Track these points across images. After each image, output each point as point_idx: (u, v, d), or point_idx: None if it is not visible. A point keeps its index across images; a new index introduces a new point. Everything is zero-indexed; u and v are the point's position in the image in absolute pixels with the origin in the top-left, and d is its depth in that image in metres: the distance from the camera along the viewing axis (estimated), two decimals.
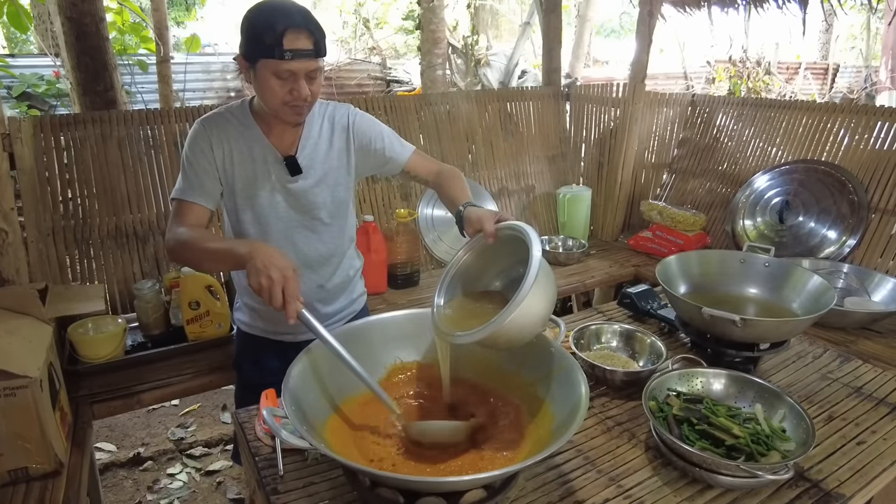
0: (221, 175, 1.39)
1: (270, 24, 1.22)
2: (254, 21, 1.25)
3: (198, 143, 1.37)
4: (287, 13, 1.23)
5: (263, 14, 1.24)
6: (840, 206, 2.32)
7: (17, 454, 1.26)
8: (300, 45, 1.23)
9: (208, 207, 1.38)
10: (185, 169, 1.37)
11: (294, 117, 1.34)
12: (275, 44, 1.21)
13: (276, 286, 1.07)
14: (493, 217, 1.17)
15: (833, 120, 2.49)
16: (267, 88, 1.28)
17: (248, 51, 1.27)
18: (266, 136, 1.40)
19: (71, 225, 1.98)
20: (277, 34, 1.21)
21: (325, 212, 1.48)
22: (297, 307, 1.08)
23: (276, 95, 1.28)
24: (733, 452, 1.07)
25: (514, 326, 0.98)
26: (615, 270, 2.64)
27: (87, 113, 2.17)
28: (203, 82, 7.48)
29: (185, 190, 1.37)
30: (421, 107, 2.71)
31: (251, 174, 1.40)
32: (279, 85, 1.27)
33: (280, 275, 1.08)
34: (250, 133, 1.39)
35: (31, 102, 6.12)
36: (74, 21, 2.57)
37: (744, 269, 1.62)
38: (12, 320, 1.35)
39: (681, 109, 3.09)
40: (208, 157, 1.37)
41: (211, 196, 1.39)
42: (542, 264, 1.00)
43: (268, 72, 1.26)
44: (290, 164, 1.40)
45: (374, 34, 9.21)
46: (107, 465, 2.41)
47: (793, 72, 10.32)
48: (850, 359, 1.53)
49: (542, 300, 1.01)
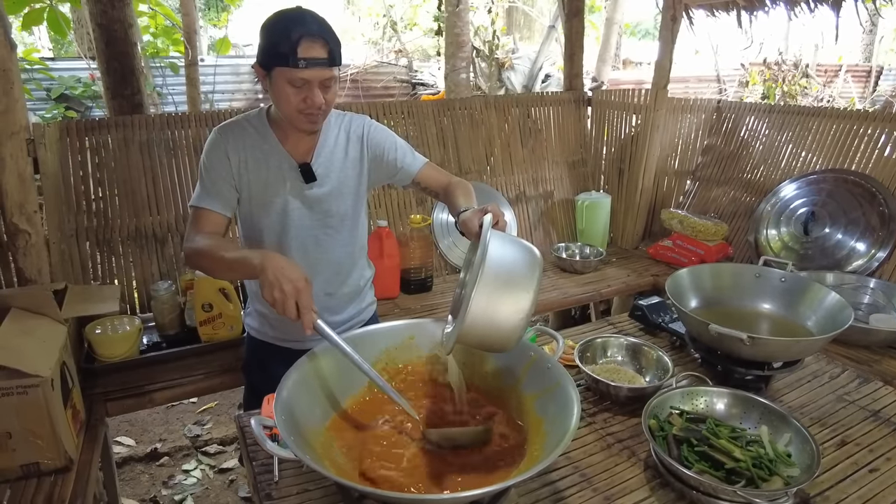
0: (237, 182, 1.41)
1: (286, 32, 1.23)
2: (270, 29, 1.27)
3: (214, 151, 1.39)
4: (303, 22, 1.24)
5: (280, 22, 1.26)
6: (869, 217, 2.23)
7: (29, 450, 1.30)
8: (315, 53, 1.25)
9: (225, 215, 1.40)
10: (203, 176, 1.40)
11: (308, 125, 1.36)
12: (289, 52, 1.23)
13: (289, 299, 1.10)
14: (478, 214, 1.15)
15: (864, 128, 2.40)
16: (282, 96, 1.30)
17: (264, 58, 1.29)
18: (282, 143, 1.42)
19: (93, 226, 2.04)
20: (292, 42, 1.22)
21: (338, 220, 1.50)
22: (311, 318, 1.10)
23: (290, 103, 1.30)
24: (734, 476, 1.04)
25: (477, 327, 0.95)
26: (633, 280, 2.59)
27: (111, 118, 2.23)
28: (232, 84, 7.63)
29: (203, 197, 1.39)
30: (441, 112, 2.71)
31: (266, 181, 1.42)
32: (294, 93, 1.28)
33: (292, 287, 1.10)
34: (266, 141, 1.41)
35: (69, 104, 6.35)
36: (104, 27, 2.66)
37: (759, 283, 1.57)
38: (29, 320, 1.39)
39: (706, 116, 3.02)
40: (224, 165, 1.39)
41: (228, 203, 1.41)
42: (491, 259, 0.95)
43: (282, 80, 1.27)
44: (304, 172, 1.42)
45: (401, 36, 9.25)
46: (125, 459, 2.47)
47: (832, 74, 9.98)
48: (870, 380, 1.47)
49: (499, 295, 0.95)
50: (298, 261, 1.44)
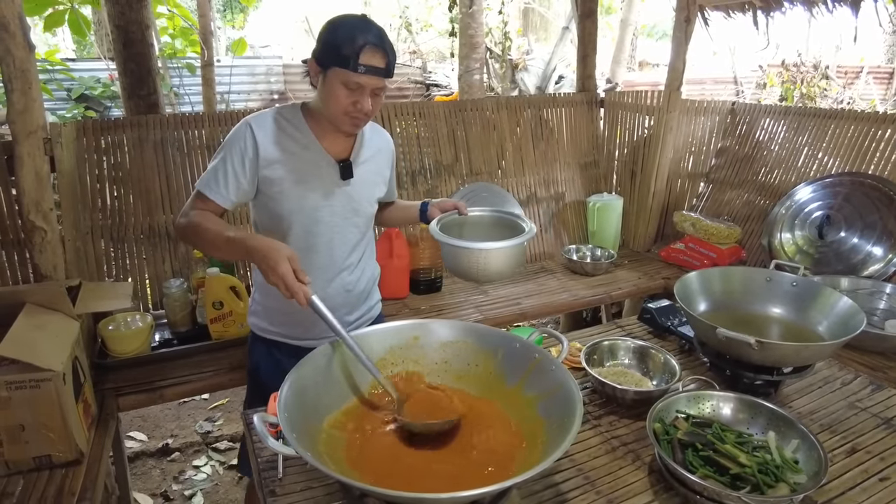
0: (262, 175, 1.39)
1: (351, 36, 1.27)
2: (335, 30, 1.31)
3: (240, 142, 1.37)
4: (368, 30, 1.30)
5: (346, 26, 1.30)
6: (887, 221, 2.19)
7: (41, 442, 1.33)
8: (375, 62, 1.30)
9: (226, 208, 1.40)
10: (218, 165, 1.37)
11: (351, 128, 1.40)
12: (352, 56, 1.27)
13: (288, 276, 1.14)
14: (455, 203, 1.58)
15: (883, 130, 2.36)
16: (332, 96, 1.33)
17: (323, 56, 1.32)
18: (319, 140, 1.44)
19: (108, 224, 2.07)
20: (356, 47, 1.27)
21: (364, 219, 1.55)
22: (308, 291, 1.14)
23: (339, 104, 1.33)
24: (739, 482, 1.02)
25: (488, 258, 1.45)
26: (644, 282, 2.57)
27: (126, 117, 2.27)
28: (248, 85, 7.71)
29: (211, 185, 1.37)
30: (452, 113, 2.71)
31: (302, 174, 1.42)
32: (345, 95, 1.32)
33: (287, 266, 1.15)
34: (303, 136, 1.43)
35: (88, 104, 6.46)
36: (122, 29, 2.70)
37: (770, 287, 1.55)
38: (43, 315, 1.42)
39: (720, 118, 2.99)
40: (249, 157, 1.37)
41: (232, 197, 1.38)
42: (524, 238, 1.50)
43: (337, 80, 1.31)
44: (344, 168, 1.45)
45: (416, 38, 9.27)
46: (137, 454, 2.51)
47: (853, 76, 9.81)
48: (883, 387, 1.44)
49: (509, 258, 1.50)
50: (324, 256, 1.49)
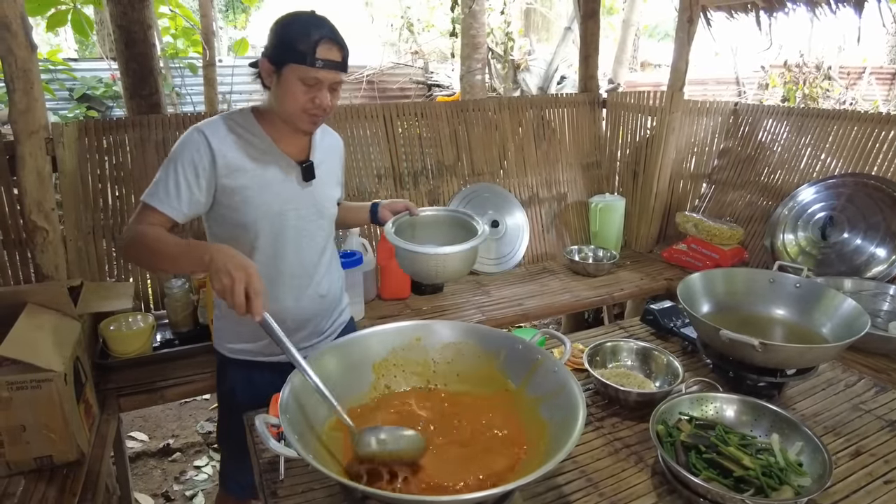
0: (217, 185, 1.33)
1: (306, 31, 1.27)
2: (288, 27, 1.30)
3: (193, 151, 1.30)
4: (322, 25, 1.29)
5: (298, 22, 1.29)
6: (890, 222, 2.18)
7: (42, 443, 1.32)
8: (332, 56, 1.29)
9: (177, 220, 1.32)
10: (168, 175, 1.30)
11: (309, 126, 1.37)
12: (308, 51, 1.26)
13: (238, 283, 1.07)
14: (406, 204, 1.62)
15: (886, 131, 2.35)
16: (289, 93, 1.31)
17: (277, 54, 1.31)
18: (276, 143, 1.40)
19: (110, 224, 2.07)
20: (312, 42, 1.26)
21: (327, 221, 1.53)
22: (261, 304, 1.07)
23: (297, 101, 1.31)
24: (742, 485, 1.02)
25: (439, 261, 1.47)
26: (646, 283, 2.56)
27: (128, 117, 2.26)
28: (250, 85, 7.69)
29: (161, 196, 1.29)
30: (454, 113, 2.70)
31: (263, 181, 1.37)
32: (303, 91, 1.30)
33: (243, 273, 1.08)
34: (260, 140, 1.38)
35: (90, 104, 6.47)
36: (124, 28, 2.69)
37: (773, 289, 1.55)
38: (44, 315, 1.42)
39: (722, 118, 2.98)
40: (204, 167, 1.31)
41: (185, 209, 1.31)
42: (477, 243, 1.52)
43: (294, 77, 1.29)
44: (306, 170, 1.42)
45: (418, 38, 9.27)
46: (138, 454, 2.51)
47: (856, 77, 9.79)
48: (888, 389, 1.43)
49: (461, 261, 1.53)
50: (293, 262, 1.44)
